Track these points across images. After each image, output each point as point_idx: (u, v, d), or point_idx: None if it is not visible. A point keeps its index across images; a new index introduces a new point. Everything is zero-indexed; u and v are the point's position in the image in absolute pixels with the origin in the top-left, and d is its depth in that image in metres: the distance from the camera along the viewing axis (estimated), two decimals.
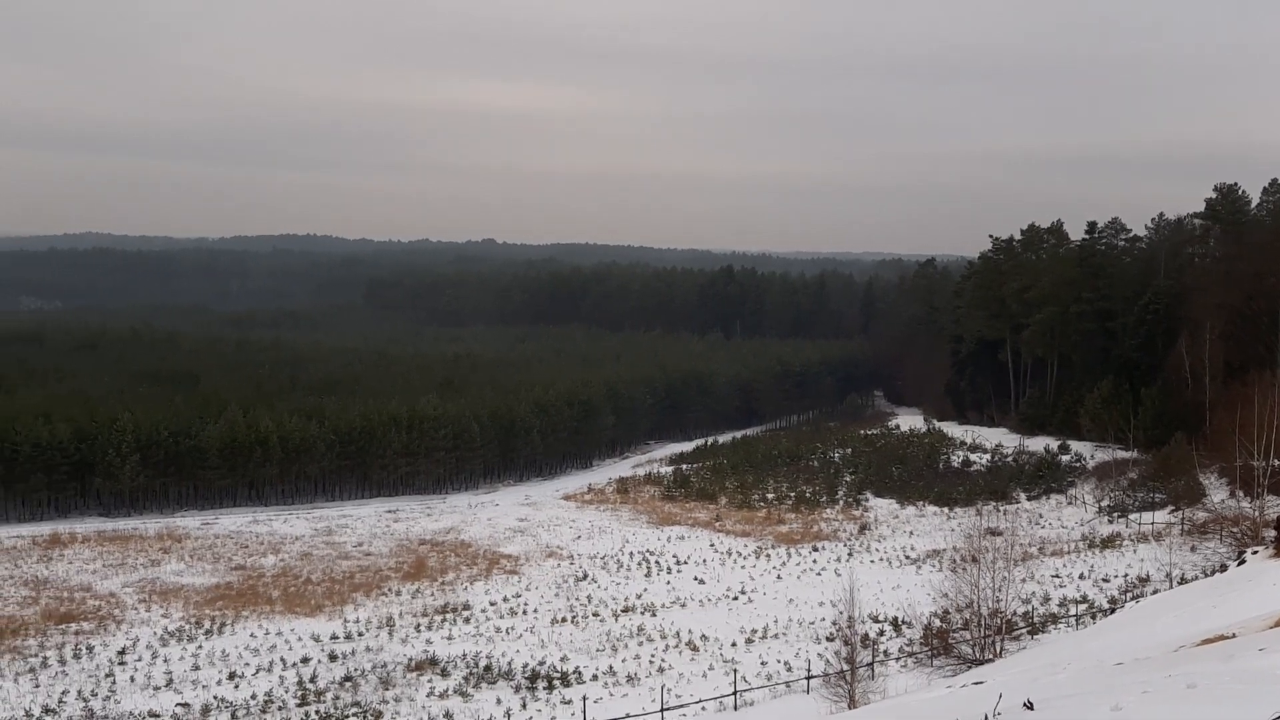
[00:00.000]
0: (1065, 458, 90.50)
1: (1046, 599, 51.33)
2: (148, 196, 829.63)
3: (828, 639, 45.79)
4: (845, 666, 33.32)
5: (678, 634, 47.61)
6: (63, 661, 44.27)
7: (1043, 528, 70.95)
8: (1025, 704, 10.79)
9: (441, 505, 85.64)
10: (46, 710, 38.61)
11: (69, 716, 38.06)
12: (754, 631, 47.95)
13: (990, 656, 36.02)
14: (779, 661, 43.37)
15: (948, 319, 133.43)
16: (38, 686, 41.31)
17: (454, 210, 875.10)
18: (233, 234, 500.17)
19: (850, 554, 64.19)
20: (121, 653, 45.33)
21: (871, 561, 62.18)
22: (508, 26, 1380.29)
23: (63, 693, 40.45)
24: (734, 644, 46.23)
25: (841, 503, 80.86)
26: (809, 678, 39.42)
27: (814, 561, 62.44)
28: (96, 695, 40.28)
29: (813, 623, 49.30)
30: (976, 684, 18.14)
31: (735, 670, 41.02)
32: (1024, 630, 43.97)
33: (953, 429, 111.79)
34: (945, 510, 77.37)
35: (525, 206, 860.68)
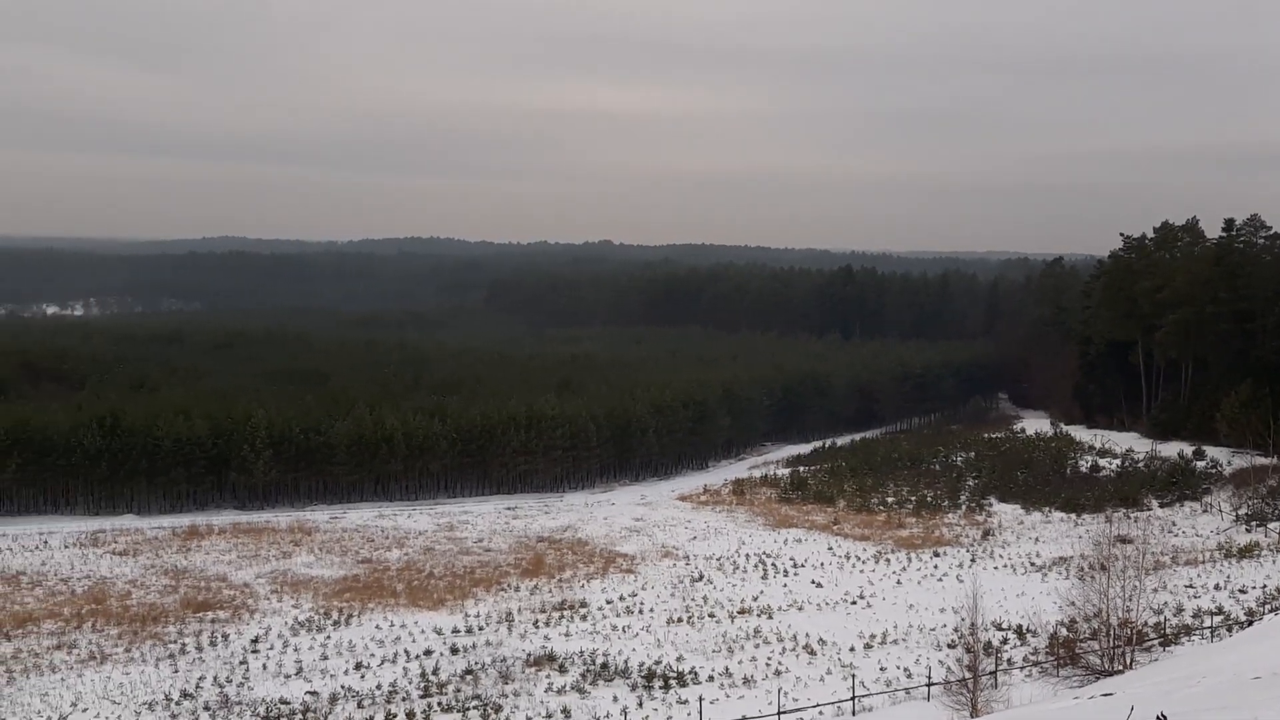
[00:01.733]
0: (1200, 464, 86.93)
1: (1179, 610, 49.48)
2: (280, 202, 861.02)
3: (949, 646, 45.00)
4: (967, 674, 32.67)
5: (795, 637, 47.29)
6: (200, 648, 46.21)
7: (1176, 536, 68.34)
8: (1159, 718, 10.46)
9: (559, 504, 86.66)
10: (184, 695, 40.35)
11: (205, 701, 39.72)
12: (873, 636, 47.32)
13: (1119, 668, 34.88)
14: (898, 667, 42.73)
15: (1076, 320, 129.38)
16: (176, 671, 43.22)
17: (572, 212, 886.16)
18: (361, 237, 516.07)
19: (973, 560, 62.83)
20: (254, 641, 47.10)
21: (995, 568, 60.76)
22: (629, 28, 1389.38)
23: (199, 678, 42.23)
24: (852, 648, 45.71)
25: (964, 507, 79.16)
26: (929, 685, 38.76)
27: (935, 567, 61.30)
28: (231, 681, 41.95)
29: (933, 629, 48.45)
30: (1105, 696, 17.61)
31: (854, 675, 40.54)
32: (1155, 641, 42.46)
33: (1081, 433, 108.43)
34: (1072, 517, 75.10)
35: (642, 208, 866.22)
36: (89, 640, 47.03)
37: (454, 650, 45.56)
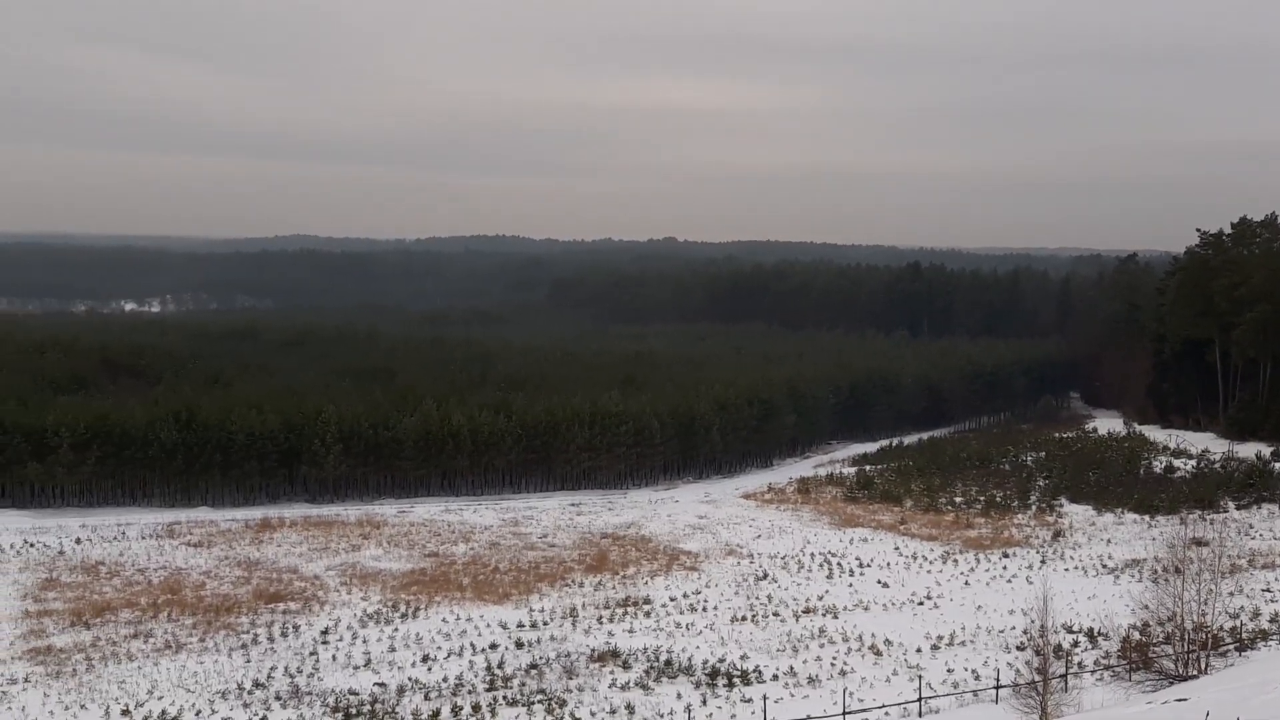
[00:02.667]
0: (1278, 465, 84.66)
1: (1256, 614, 48.31)
2: (351, 201, 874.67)
3: (1018, 648, 44.38)
4: (1037, 677, 32.22)
5: (860, 637, 46.97)
6: (271, 639, 47.12)
7: (1253, 539, 66.61)
8: None
9: (622, 500, 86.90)
10: (256, 684, 41.19)
11: (276, 691, 40.51)
12: (940, 638, 46.83)
13: (1194, 673, 34.16)
14: (966, 669, 42.23)
15: (1150, 318, 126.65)
16: (249, 661, 44.14)
17: (636, 209, 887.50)
18: (428, 235, 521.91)
19: (1043, 561, 61.84)
20: (324, 633, 47.92)
21: (1065, 570, 59.74)
22: (696, 23, 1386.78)
23: (271, 669, 43.08)
24: (919, 650, 45.28)
25: (1034, 508, 77.91)
26: (998, 687, 38.27)
27: (1004, 568, 60.45)
28: (301, 672, 42.73)
29: (1002, 631, 47.81)
30: (1180, 701, 17.26)
31: (920, 676, 40.16)
32: (1231, 646, 41.49)
33: (1155, 433, 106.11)
34: (1146, 518, 73.55)
35: (706, 204, 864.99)
36: (165, 629, 48.20)
37: (519, 644, 45.94)
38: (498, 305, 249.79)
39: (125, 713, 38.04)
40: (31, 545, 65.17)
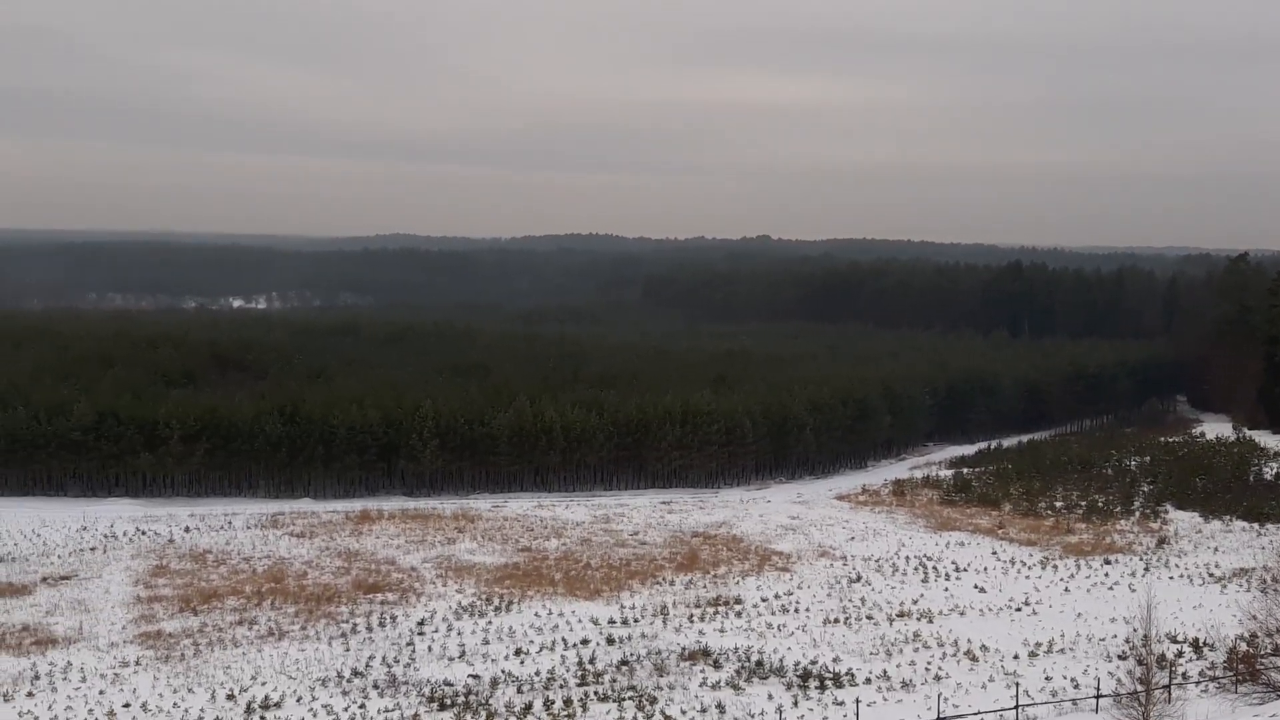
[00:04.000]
0: None
1: None
2: (449, 200, 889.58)
3: (1119, 657, 43.31)
4: (1139, 687, 31.44)
5: (956, 642, 46.29)
6: (369, 629, 48.25)
7: None
8: None
9: (714, 499, 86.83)
10: (355, 673, 42.23)
11: (374, 680, 41.48)
12: (1038, 644, 45.94)
13: None
14: (1065, 677, 41.35)
15: (1262, 319, 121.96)
16: (348, 650, 45.26)
17: (729, 207, 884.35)
18: (523, 234, 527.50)
19: (1146, 569, 60.14)
20: (420, 624, 48.88)
21: (1170, 578, 58.01)
22: (790, 18, 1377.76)
23: (369, 658, 44.12)
24: (1016, 656, 44.47)
25: (1138, 514, 75.75)
26: (1098, 696, 37.41)
27: (1105, 575, 58.95)
28: (398, 662, 43.67)
29: (1103, 639, 46.70)
30: None
31: (1017, 684, 39.46)
32: None
33: (1266, 438, 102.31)
34: (1255, 526, 71.01)
35: (801, 202, 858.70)
36: (268, 617, 49.67)
37: (610, 640, 46.27)
38: (590, 303, 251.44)
39: (230, 697, 39.32)
40: (143, 533, 67.71)
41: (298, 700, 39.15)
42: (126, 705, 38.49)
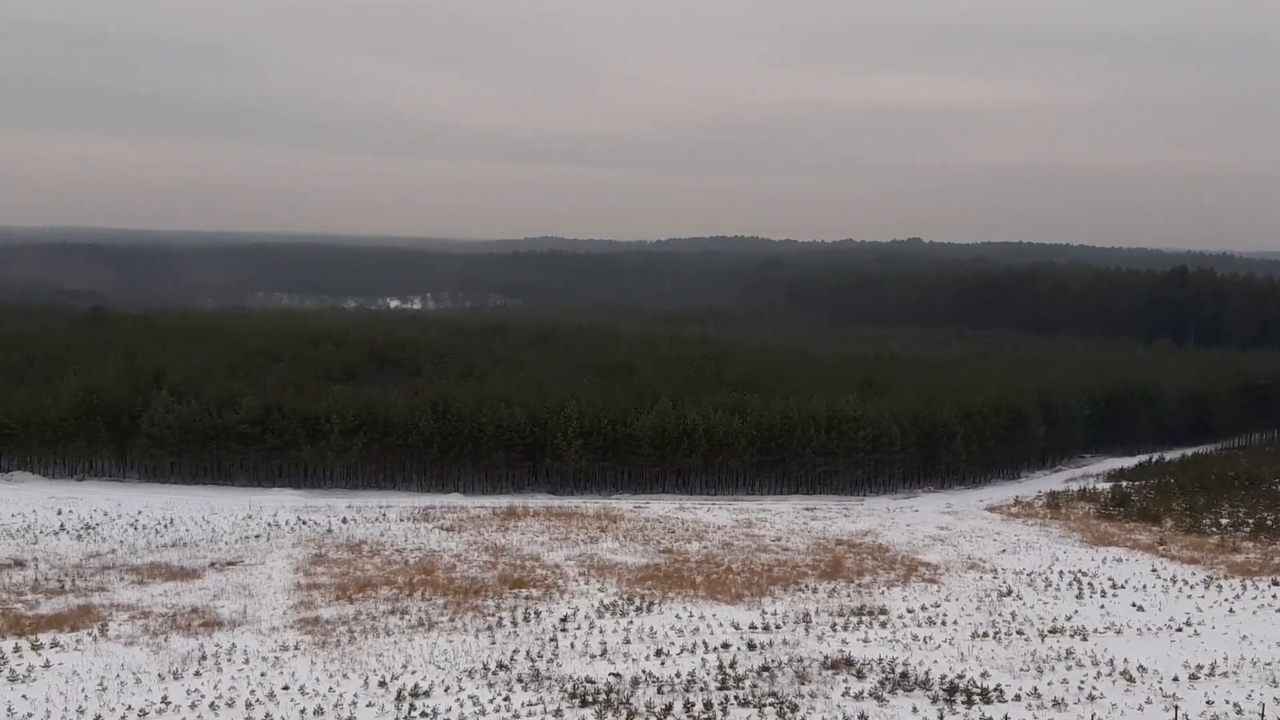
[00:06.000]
0: None
1: None
2: (596, 203, 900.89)
3: None
4: None
5: (1111, 661, 44.57)
6: (514, 623, 49.23)
7: None
8: None
9: (859, 507, 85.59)
10: (500, 665, 43.17)
11: (518, 674, 42.31)
12: (1199, 667, 43.83)
13: None
14: (1228, 703, 39.35)
15: None
16: (494, 643, 46.28)
17: (880, 209, 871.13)
18: (668, 237, 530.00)
19: None
20: (563, 620, 49.63)
21: None
22: (948, 15, 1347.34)
23: (514, 651, 45.02)
24: (1175, 678, 42.51)
25: None
26: None
27: (1273, 596, 55.79)
28: (541, 657, 44.44)
29: (1269, 663, 44.30)
30: None
31: (1176, 707, 37.77)
32: None
33: None
34: None
35: (954, 203, 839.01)
36: (419, 608, 51.21)
37: (751, 646, 46.10)
38: (734, 305, 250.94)
39: (382, 684, 40.70)
40: (304, 522, 70.69)
41: (445, 690, 40.24)
42: (285, 688, 40.22)
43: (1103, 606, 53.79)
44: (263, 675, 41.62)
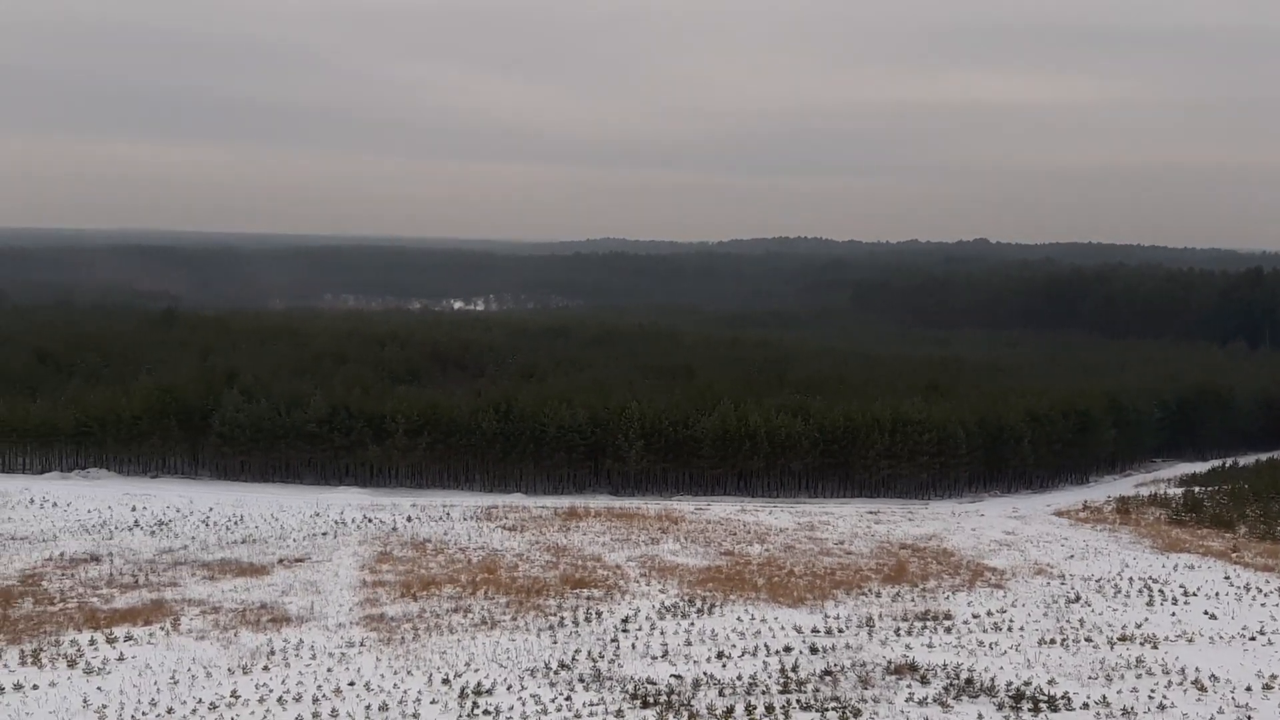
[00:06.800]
0: None
1: None
2: (657, 204, 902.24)
3: None
4: None
5: (1183, 670, 43.64)
6: (576, 623, 49.44)
7: None
8: None
9: (923, 511, 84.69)
10: (562, 665, 43.40)
11: (580, 674, 42.50)
12: (1274, 677, 42.78)
13: None
14: None
15: None
16: (555, 643, 46.53)
17: (945, 209, 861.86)
18: (730, 238, 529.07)
19: None
20: (625, 621, 49.75)
21: None
22: (1012, 13, 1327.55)
23: (575, 651, 45.23)
24: (1249, 688, 41.54)
25: None
26: None
27: None
28: (603, 657, 44.59)
29: None
30: None
31: (1249, 717, 36.87)
32: None
33: None
34: None
35: (1022, 204, 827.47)
36: (481, 606, 51.66)
37: (813, 650, 45.85)
38: (797, 307, 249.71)
39: (445, 681, 41.13)
40: (369, 520, 71.65)
41: (508, 688, 40.56)
42: (351, 684, 40.82)
43: (1174, 614, 52.70)
44: (329, 671, 42.28)
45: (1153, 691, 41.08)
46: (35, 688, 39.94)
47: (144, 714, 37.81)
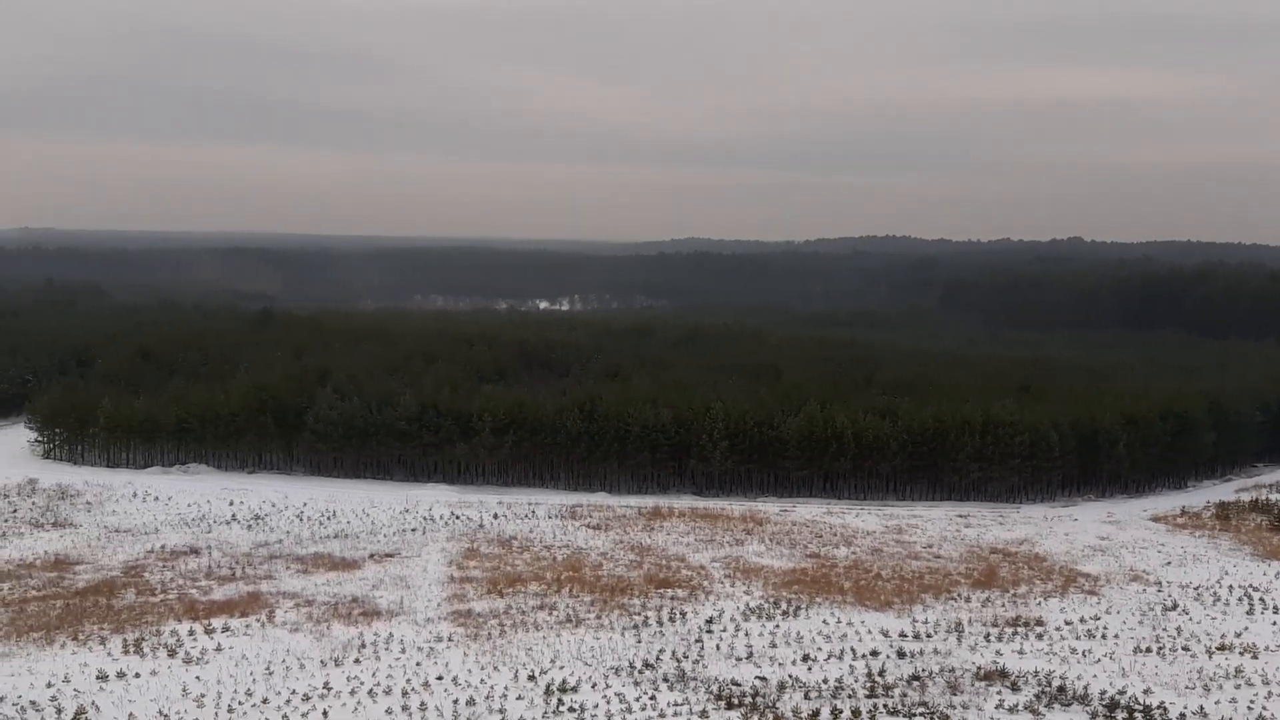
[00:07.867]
0: None
1: None
2: (742, 204, 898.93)
3: None
4: None
5: None
6: (660, 623, 49.57)
7: None
8: None
9: (1015, 515, 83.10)
10: (646, 664, 43.54)
11: (664, 673, 42.61)
12: None
13: None
14: None
15: None
16: (639, 642, 46.72)
17: (1038, 207, 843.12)
18: (816, 237, 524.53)
19: None
20: (709, 622, 49.73)
21: None
22: (1095, 8, 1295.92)
23: (659, 650, 45.35)
24: None
25: None
26: None
27: None
28: (687, 657, 44.65)
29: None
30: None
31: None
32: None
33: None
34: None
35: (1118, 201, 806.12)
36: (566, 604, 52.08)
37: (900, 654, 45.32)
38: (884, 307, 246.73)
39: (531, 678, 41.56)
40: (457, 517, 72.70)
41: (593, 686, 40.83)
42: (439, 678, 41.48)
43: (1275, 623, 51.00)
44: (418, 665, 43.01)
45: (1252, 702, 39.86)
46: (137, 676, 41.35)
47: (240, 704, 38.90)
